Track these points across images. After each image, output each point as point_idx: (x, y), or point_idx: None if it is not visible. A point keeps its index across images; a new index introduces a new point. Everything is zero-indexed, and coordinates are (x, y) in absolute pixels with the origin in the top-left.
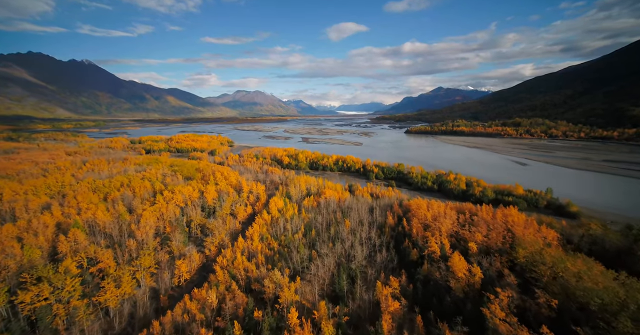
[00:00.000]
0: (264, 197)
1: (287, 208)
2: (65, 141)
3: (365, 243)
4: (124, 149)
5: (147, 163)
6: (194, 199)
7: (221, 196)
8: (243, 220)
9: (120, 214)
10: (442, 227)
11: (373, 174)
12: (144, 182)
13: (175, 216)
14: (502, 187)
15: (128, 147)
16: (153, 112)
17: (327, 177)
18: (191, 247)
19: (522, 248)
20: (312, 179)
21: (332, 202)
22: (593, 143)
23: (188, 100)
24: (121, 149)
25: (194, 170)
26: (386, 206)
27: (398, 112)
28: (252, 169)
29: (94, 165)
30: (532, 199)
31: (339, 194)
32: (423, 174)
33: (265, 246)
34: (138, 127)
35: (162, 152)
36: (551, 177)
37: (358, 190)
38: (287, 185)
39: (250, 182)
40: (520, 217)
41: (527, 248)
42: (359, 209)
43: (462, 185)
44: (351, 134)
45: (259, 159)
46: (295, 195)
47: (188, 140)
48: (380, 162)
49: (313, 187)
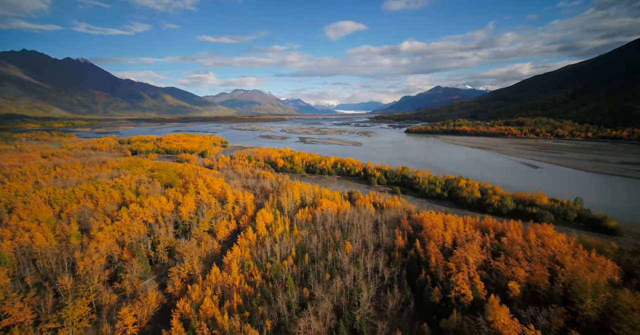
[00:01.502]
0: (252, 208)
1: (277, 223)
2: (49, 141)
3: (371, 275)
4: (109, 150)
5: (127, 167)
6: (166, 213)
7: (200, 209)
8: (224, 239)
9: (68, 236)
10: (468, 257)
11: (375, 178)
12: (112, 192)
13: (140, 236)
14: (522, 196)
15: (114, 148)
16: (150, 111)
17: (325, 181)
18: (150, 281)
19: (585, 292)
20: (308, 186)
21: (330, 215)
22: (602, 143)
23: (185, 99)
24: (106, 150)
25: (176, 176)
26: (393, 220)
27: (397, 111)
28: (243, 173)
29: (65, 169)
30: (559, 210)
31: (337, 205)
32: (430, 180)
33: (245, 279)
34: (132, 127)
35: (150, 153)
36: (569, 181)
37: (359, 199)
38: (279, 194)
39: (238, 189)
40: (559, 238)
41: (593, 292)
42: (362, 225)
43: (477, 193)
44: (350, 133)
45: (251, 161)
46: (288, 206)
47: (179, 140)
48: (383, 165)
49: (308, 195)
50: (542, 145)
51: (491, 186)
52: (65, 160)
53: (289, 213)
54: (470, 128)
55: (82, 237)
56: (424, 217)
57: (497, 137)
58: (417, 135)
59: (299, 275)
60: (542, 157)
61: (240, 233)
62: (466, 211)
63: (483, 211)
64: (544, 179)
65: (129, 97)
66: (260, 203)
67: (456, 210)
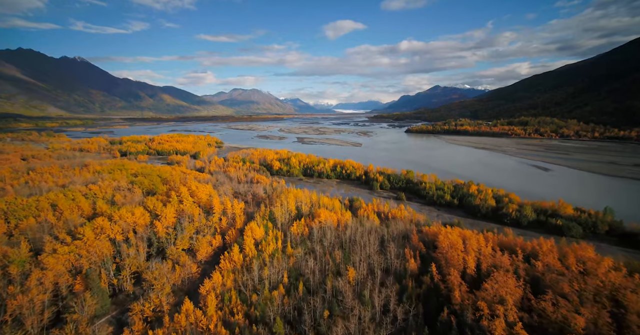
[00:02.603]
0: (242, 219)
1: (267, 240)
2: (35, 142)
3: (380, 316)
4: (98, 151)
5: (109, 170)
6: (139, 228)
7: (181, 222)
8: (206, 258)
9: (8, 263)
10: (506, 296)
11: (377, 183)
12: (81, 202)
13: (103, 259)
14: (543, 205)
15: (104, 149)
16: (148, 111)
17: (324, 185)
18: (102, 324)
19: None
20: (304, 194)
21: (329, 228)
22: (609, 143)
23: (184, 99)
24: (95, 151)
25: (159, 182)
26: (401, 235)
27: (396, 110)
28: (236, 177)
29: (39, 174)
30: (586, 221)
31: (337, 216)
32: (438, 185)
33: (224, 318)
34: (127, 126)
35: (139, 154)
36: (585, 186)
37: (361, 208)
38: (273, 202)
39: (227, 197)
40: (607, 263)
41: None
42: (366, 243)
43: (491, 201)
44: (349, 133)
45: (245, 164)
46: (282, 217)
47: (172, 141)
48: (385, 168)
49: (305, 205)
50: (548, 145)
51: (505, 193)
52: (43, 164)
53: (283, 226)
54: (473, 128)
55: (28, 263)
56: (437, 232)
57: (500, 137)
58: (418, 135)
59: (291, 312)
60: (550, 159)
61: (224, 252)
62: (480, 221)
63: (499, 221)
64: (558, 183)
65: (127, 97)
66: (251, 212)
67: (469, 220)
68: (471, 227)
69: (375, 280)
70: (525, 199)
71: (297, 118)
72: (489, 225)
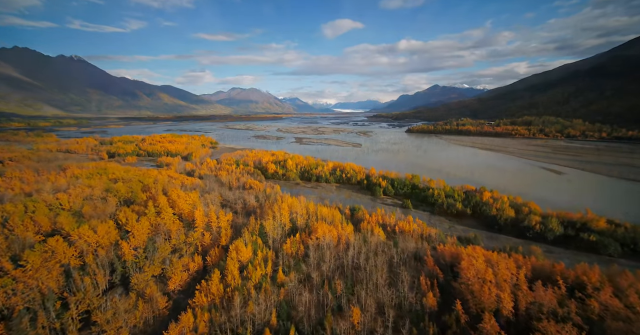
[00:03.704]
0: (228, 234)
1: (255, 263)
2: (21, 142)
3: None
4: (85, 152)
5: (88, 175)
6: (101, 250)
7: (154, 241)
8: (181, 287)
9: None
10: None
11: (380, 188)
12: (39, 215)
13: (46, 294)
14: (570, 216)
15: (92, 150)
16: (146, 110)
17: (322, 190)
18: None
19: None
20: (299, 203)
21: (328, 247)
22: (618, 144)
23: (182, 98)
24: (83, 153)
25: (139, 189)
26: (412, 256)
27: (395, 110)
28: (227, 181)
29: (7, 180)
30: (624, 237)
31: (337, 230)
32: (447, 192)
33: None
34: (122, 126)
35: (128, 156)
36: (606, 192)
37: (365, 219)
38: (265, 213)
39: (214, 207)
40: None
41: None
42: (372, 269)
43: (509, 211)
44: (348, 133)
45: (239, 166)
46: (274, 232)
47: (164, 141)
48: (388, 171)
49: (300, 216)
50: (555, 146)
51: (523, 201)
52: (16, 167)
53: (275, 243)
54: (475, 128)
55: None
56: (457, 254)
57: (504, 138)
58: (419, 135)
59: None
60: (561, 161)
61: (202, 280)
62: (499, 235)
63: (520, 235)
64: (576, 189)
65: (124, 96)
66: (240, 225)
67: (486, 233)
68: (489, 242)
69: (386, 323)
70: (548, 209)
71: (295, 117)
72: (511, 241)
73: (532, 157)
